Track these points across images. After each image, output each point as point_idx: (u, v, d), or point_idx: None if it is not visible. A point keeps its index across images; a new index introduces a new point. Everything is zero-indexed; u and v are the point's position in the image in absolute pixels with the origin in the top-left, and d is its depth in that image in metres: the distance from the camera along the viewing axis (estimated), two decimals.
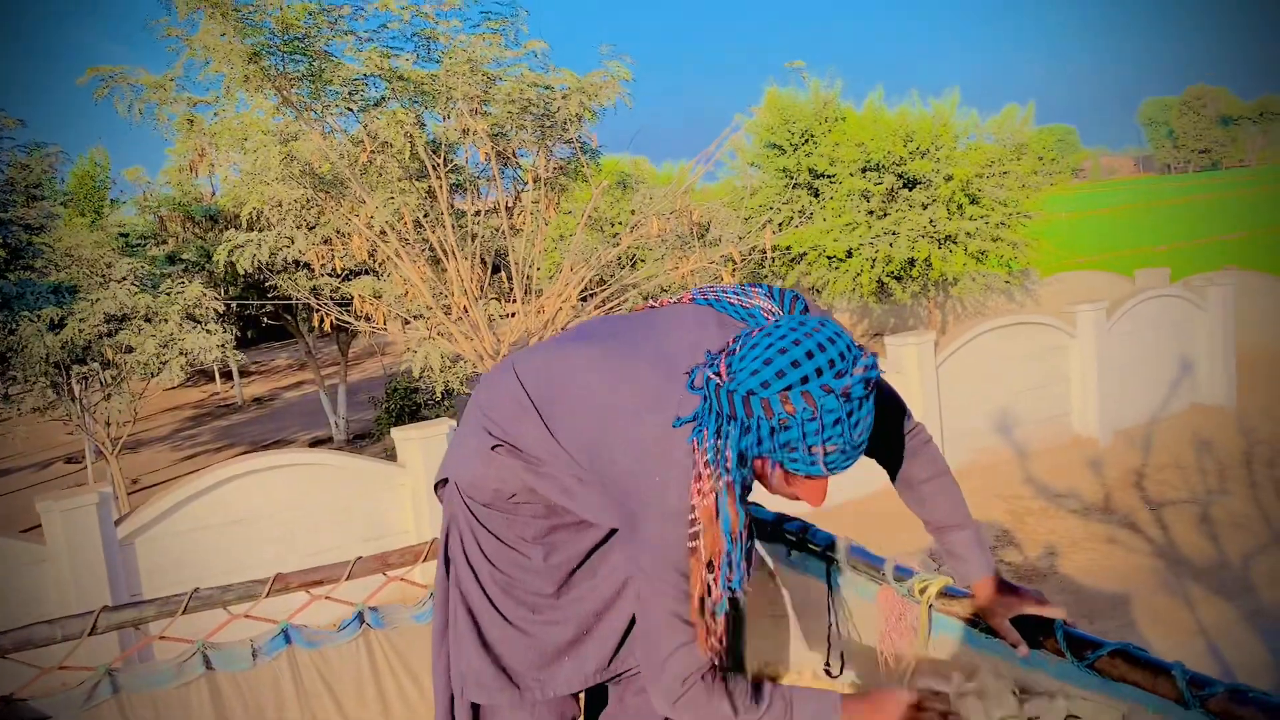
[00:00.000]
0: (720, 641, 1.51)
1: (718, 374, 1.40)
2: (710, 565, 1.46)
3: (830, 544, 1.84)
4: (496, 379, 1.79)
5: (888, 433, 1.76)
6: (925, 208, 15.52)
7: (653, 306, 1.76)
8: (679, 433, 1.46)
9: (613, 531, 1.77)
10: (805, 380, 1.33)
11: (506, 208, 9.84)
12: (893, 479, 1.81)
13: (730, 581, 1.46)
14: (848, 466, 1.39)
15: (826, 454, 1.35)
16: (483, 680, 1.76)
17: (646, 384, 1.56)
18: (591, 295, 11.00)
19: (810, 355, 1.35)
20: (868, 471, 1.85)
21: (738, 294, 1.67)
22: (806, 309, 1.63)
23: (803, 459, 1.36)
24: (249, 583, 2.04)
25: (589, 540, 1.79)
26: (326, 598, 2.12)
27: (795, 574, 1.97)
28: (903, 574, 1.68)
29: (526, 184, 9.98)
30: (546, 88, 9.25)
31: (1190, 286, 13.45)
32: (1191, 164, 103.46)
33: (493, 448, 1.73)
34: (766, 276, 17.22)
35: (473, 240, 9.62)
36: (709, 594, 1.47)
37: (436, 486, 1.89)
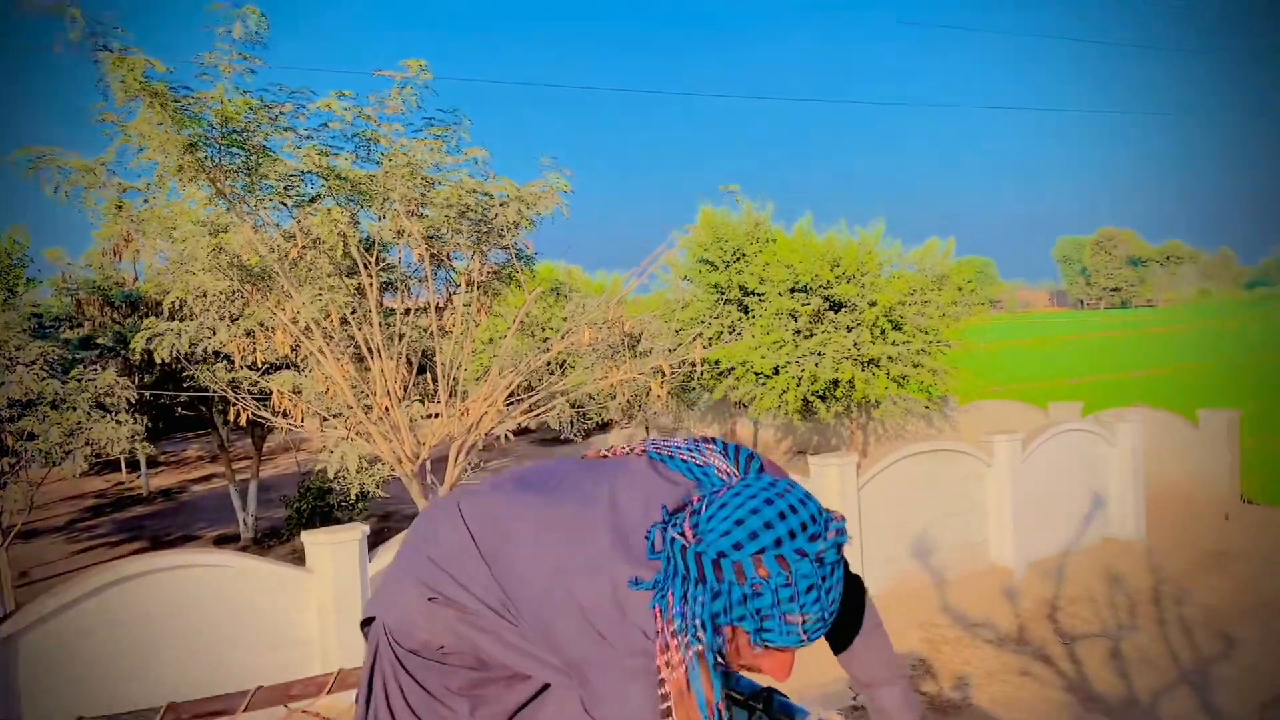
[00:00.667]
0: None
1: (682, 534, 1.33)
2: None
3: (753, 692, 1.78)
4: (440, 519, 1.69)
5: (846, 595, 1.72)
6: (850, 330, 15.86)
7: (605, 455, 1.69)
8: (637, 596, 1.37)
9: (545, 687, 1.68)
10: (779, 543, 1.27)
11: (437, 308, 9.78)
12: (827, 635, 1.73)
13: None
14: (817, 637, 1.32)
15: (803, 623, 1.28)
16: None
17: (600, 543, 1.46)
18: (519, 400, 10.92)
19: (783, 516, 1.29)
20: None
21: (691, 450, 1.61)
22: (763, 468, 1.58)
23: (776, 628, 1.28)
24: (139, 712, 1.89)
25: (520, 695, 1.69)
26: None
27: None
28: None
29: (459, 286, 9.96)
30: (485, 194, 9.32)
31: (1101, 422, 13.85)
32: (1103, 301, 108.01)
33: (430, 599, 1.62)
34: (695, 389, 17.34)
35: (400, 340, 9.52)
36: None
37: (363, 624, 1.77)
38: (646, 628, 1.36)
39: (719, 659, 1.34)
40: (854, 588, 1.72)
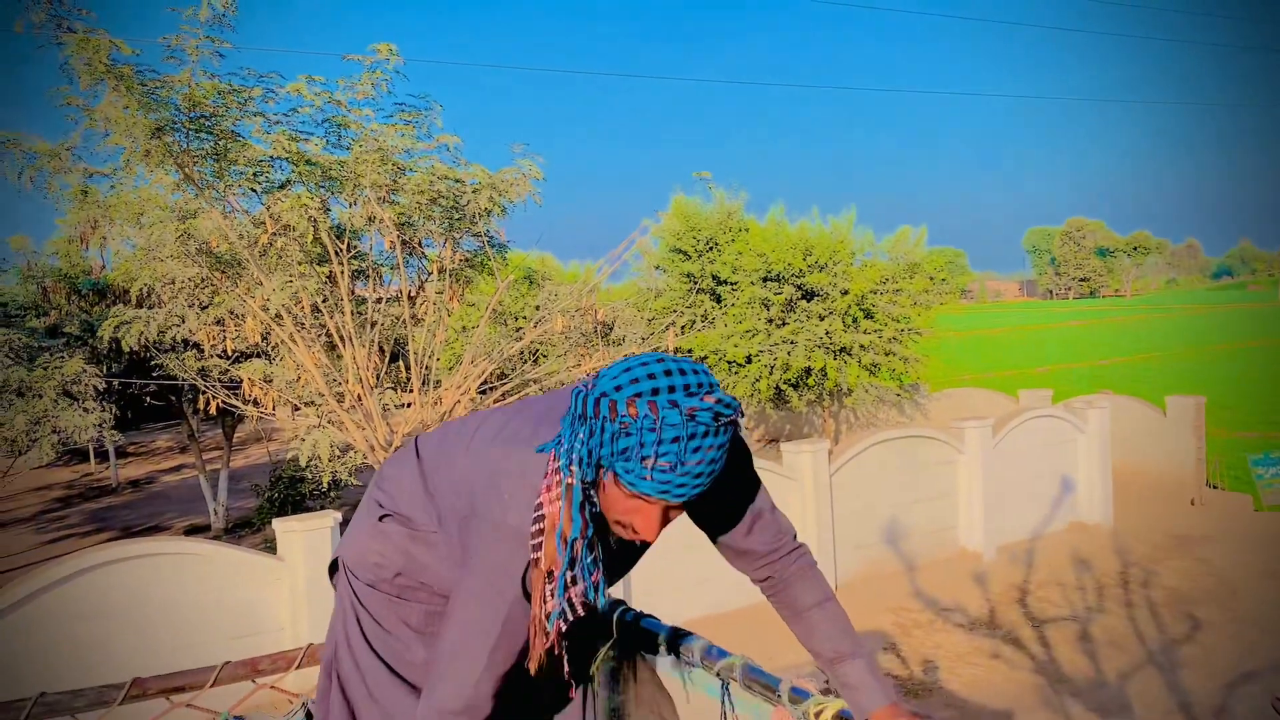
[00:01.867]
0: (548, 654, 1.52)
1: (586, 387, 1.42)
2: (550, 575, 1.45)
3: (725, 661, 1.79)
4: (397, 456, 1.78)
5: (769, 549, 1.75)
6: (822, 319, 15.92)
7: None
8: (536, 458, 1.46)
9: None
10: (655, 392, 1.34)
11: (409, 297, 9.74)
12: (778, 604, 1.78)
13: (569, 594, 1.45)
14: (680, 496, 1.36)
15: (657, 469, 1.33)
16: None
17: (519, 427, 1.56)
18: (491, 389, 10.89)
19: (669, 374, 1.36)
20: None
21: None
22: None
23: (635, 470, 1.34)
24: (101, 688, 1.88)
25: None
26: (188, 705, 1.97)
27: (689, 692, 1.91)
28: (799, 695, 1.64)
29: (431, 274, 9.91)
30: (457, 181, 9.28)
31: (1071, 408, 13.99)
32: (1071, 290, 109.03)
33: (380, 518, 1.70)
34: None
35: (372, 328, 9.47)
36: (545, 604, 1.47)
37: (330, 573, 1.82)
38: (539, 484, 1.45)
39: (590, 501, 1.43)
40: (801, 558, 1.78)
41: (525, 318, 14.58)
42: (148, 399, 15.55)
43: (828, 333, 15.77)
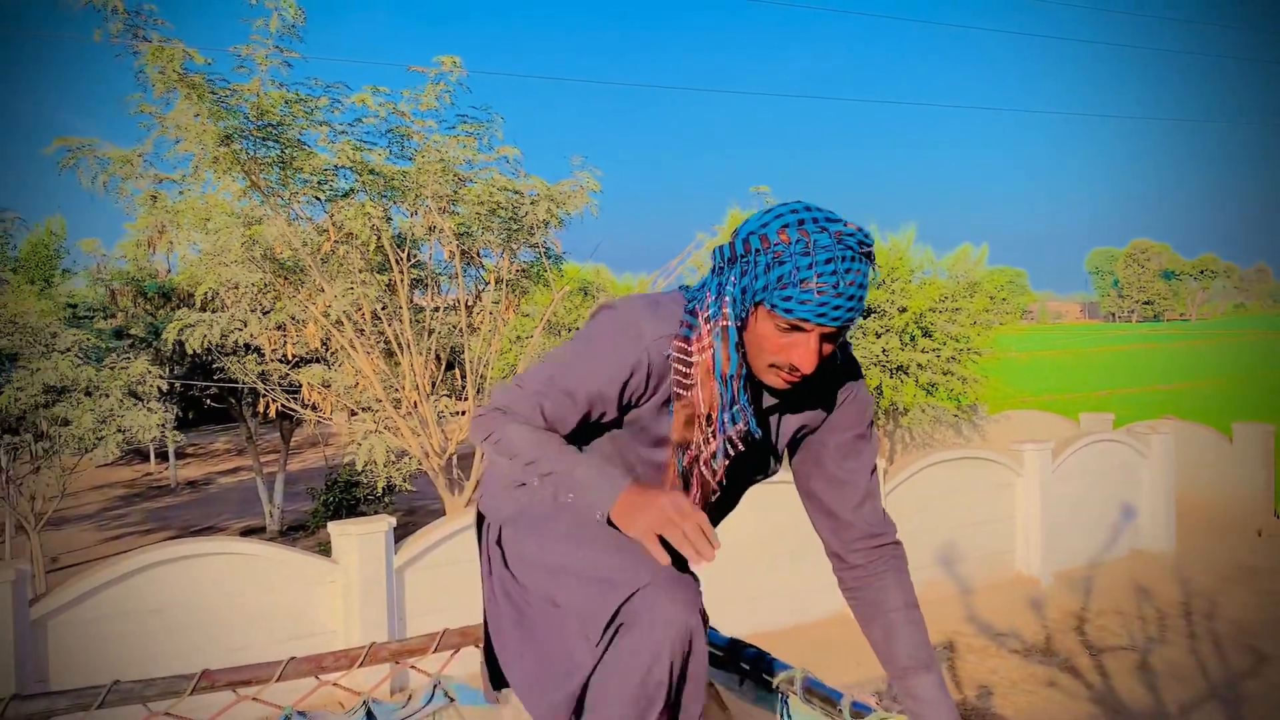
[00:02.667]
0: (703, 499, 1.60)
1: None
2: (709, 419, 1.51)
3: (785, 674, 1.76)
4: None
5: (873, 531, 1.70)
6: (879, 336, 15.76)
7: None
8: (673, 309, 1.54)
9: None
10: (801, 222, 1.39)
11: (466, 306, 9.82)
12: (860, 601, 1.69)
13: (727, 425, 1.50)
14: (836, 319, 1.38)
15: (819, 290, 1.36)
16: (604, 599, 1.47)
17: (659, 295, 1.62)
18: None
19: (808, 209, 1.42)
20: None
21: None
22: None
23: (795, 295, 1.37)
24: (172, 678, 1.90)
25: None
26: (254, 699, 1.98)
27: (746, 705, 1.89)
28: (860, 710, 1.61)
29: (488, 284, 9.99)
30: (516, 192, 9.35)
31: (1133, 433, 13.69)
32: (1135, 314, 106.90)
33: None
34: None
35: (429, 335, 9.56)
36: (705, 447, 1.53)
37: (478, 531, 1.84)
38: (653, 330, 1.52)
39: (741, 347, 1.47)
40: (899, 557, 1.72)
41: (579, 329, 14.62)
42: (208, 401, 15.86)
43: (884, 350, 15.60)
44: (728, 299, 1.43)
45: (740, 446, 1.53)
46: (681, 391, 1.50)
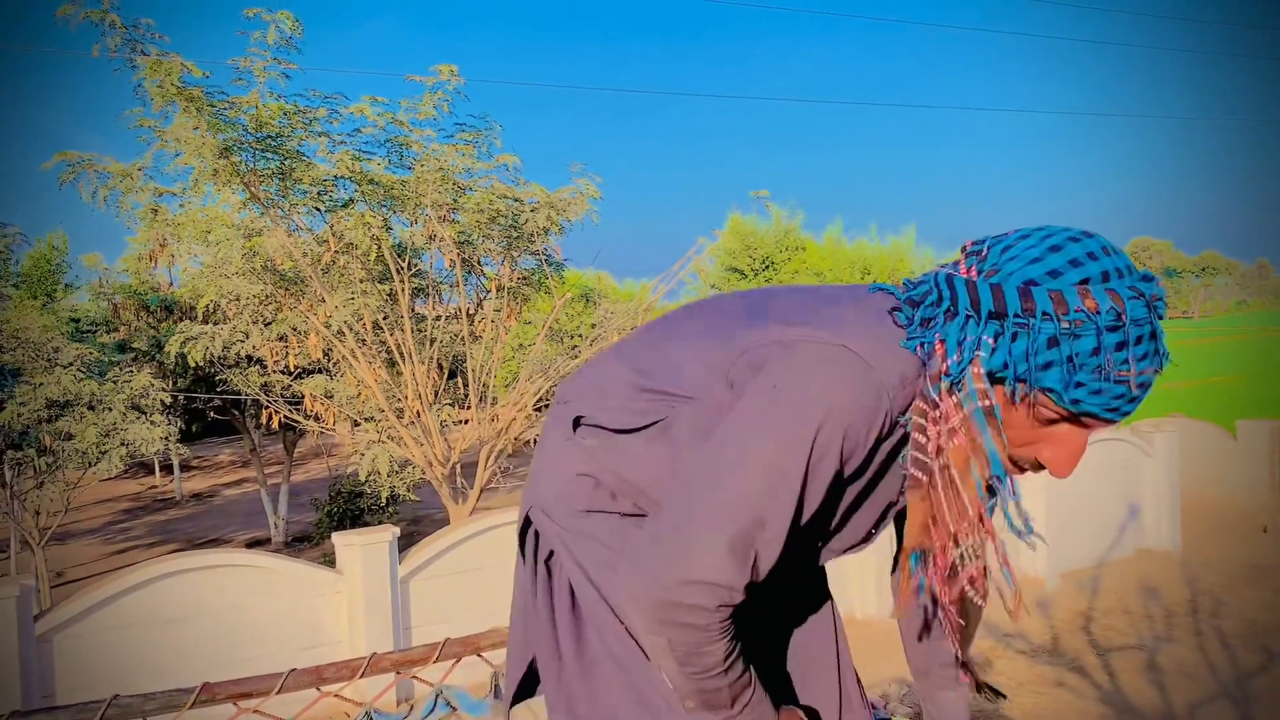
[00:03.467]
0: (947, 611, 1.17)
1: (956, 272, 1.08)
2: (955, 540, 1.12)
3: None
4: (586, 368, 1.37)
5: None
6: None
7: None
8: (878, 340, 1.08)
9: None
10: (1106, 277, 1.00)
11: (468, 314, 9.83)
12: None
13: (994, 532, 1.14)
14: (1126, 414, 1.06)
15: (1135, 382, 1.02)
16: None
17: (801, 303, 1.17)
18: (547, 405, 10.92)
19: (1093, 256, 1.02)
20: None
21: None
22: None
23: (1090, 384, 1.00)
24: (172, 691, 1.90)
25: None
26: (255, 711, 1.98)
27: None
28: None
29: (489, 292, 10.00)
30: (516, 200, 9.37)
31: (1138, 432, 13.67)
32: None
33: (575, 428, 1.27)
34: None
35: (431, 344, 9.57)
36: (964, 559, 1.16)
37: (521, 541, 1.37)
38: (860, 379, 1.07)
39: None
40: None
41: (581, 336, 14.62)
42: (211, 413, 15.88)
43: None
44: (982, 370, 1.04)
45: (982, 601, 1.18)
46: (920, 475, 1.09)
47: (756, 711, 1.18)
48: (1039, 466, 1.11)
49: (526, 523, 1.35)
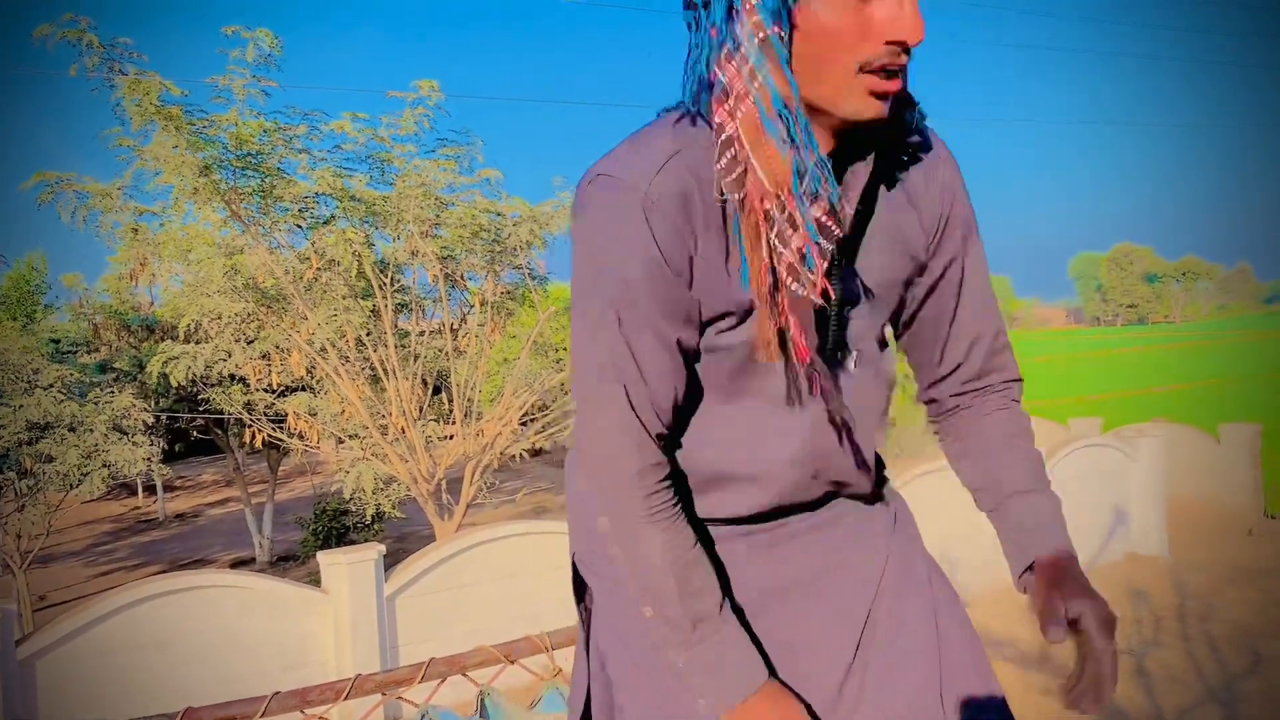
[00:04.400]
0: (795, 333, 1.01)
1: None
2: (779, 199, 0.94)
3: None
4: None
5: (982, 372, 1.32)
6: None
7: None
8: (635, 152, 1.00)
9: None
10: None
11: (451, 329, 9.80)
12: (951, 435, 1.39)
13: (815, 213, 0.95)
14: None
15: None
16: None
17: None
18: (533, 420, 10.89)
19: None
20: None
21: None
22: None
23: None
24: (156, 717, 1.86)
25: None
26: None
27: None
28: None
29: (473, 306, 9.98)
30: (498, 214, 9.36)
31: (1122, 437, 13.72)
32: (1120, 318, 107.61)
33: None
34: None
35: (415, 360, 9.53)
36: (777, 253, 0.96)
37: (578, 595, 1.32)
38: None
39: (786, 48, 0.94)
40: (1015, 399, 1.36)
41: (566, 349, 14.60)
42: (194, 433, 15.78)
43: None
44: (760, 15, 0.92)
45: (837, 231, 0.97)
46: (732, 196, 0.97)
47: (721, 650, 1.08)
48: (895, 47, 0.94)
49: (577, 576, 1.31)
